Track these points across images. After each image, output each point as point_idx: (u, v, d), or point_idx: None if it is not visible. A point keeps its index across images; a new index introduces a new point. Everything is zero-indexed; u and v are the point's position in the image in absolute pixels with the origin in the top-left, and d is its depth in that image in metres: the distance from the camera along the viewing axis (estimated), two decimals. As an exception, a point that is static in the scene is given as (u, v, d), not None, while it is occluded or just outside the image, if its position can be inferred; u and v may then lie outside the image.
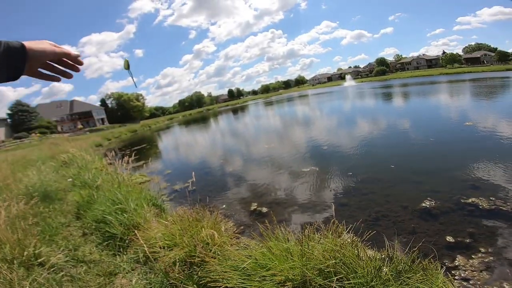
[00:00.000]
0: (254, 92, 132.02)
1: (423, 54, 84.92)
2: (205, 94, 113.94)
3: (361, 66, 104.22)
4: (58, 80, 0.77)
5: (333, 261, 1.78)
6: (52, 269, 2.51)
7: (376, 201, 3.94)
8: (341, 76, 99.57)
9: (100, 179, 4.80)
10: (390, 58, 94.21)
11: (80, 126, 54.61)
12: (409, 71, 77.42)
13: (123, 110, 67.81)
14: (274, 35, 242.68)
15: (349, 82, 72.84)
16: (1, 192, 4.80)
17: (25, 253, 2.63)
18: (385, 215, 3.52)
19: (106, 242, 3.09)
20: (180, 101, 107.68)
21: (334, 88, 60.48)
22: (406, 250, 1.95)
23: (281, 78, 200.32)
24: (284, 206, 4.33)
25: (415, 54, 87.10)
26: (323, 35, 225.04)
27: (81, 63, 0.78)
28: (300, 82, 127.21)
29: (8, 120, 46.41)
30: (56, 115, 55.49)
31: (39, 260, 2.61)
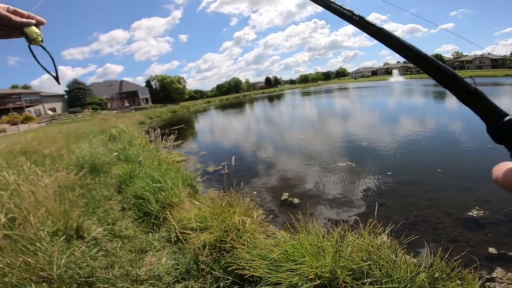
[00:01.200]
0: (292, 82, 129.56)
1: (488, 53, 74.73)
2: (243, 81, 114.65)
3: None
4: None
5: (368, 263, 1.68)
6: (90, 243, 2.57)
7: (417, 205, 3.66)
8: (387, 71, 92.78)
9: (142, 155, 5.07)
10: (448, 56, 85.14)
11: (126, 104, 58.67)
12: (468, 70, 69.05)
13: (165, 91, 71.34)
14: (316, 25, 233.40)
15: (396, 77, 67.70)
16: (54, 162, 5.12)
17: (68, 225, 2.69)
18: (425, 220, 3.27)
19: (142, 219, 3.17)
20: (218, 86, 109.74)
21: (378, 83, 56.67)
22: (445, 257, 1.79)
23: (321, 69, 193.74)
24: (316, 199, 4.22)
25: (478, 52, 77.22)
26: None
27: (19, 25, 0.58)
28: (341, 74, 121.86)
29: (65, 96, 52.07)
30: (107, 94, 60.31)
31: (80, 234, 2.68)
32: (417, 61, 0.32)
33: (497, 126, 0.27)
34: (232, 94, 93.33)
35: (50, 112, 46.47)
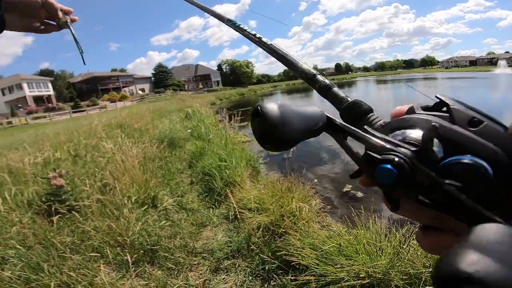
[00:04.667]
0: (366, 69, 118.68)
1: None
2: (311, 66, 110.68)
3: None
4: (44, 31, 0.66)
5: (430, 270, 1.51)
6: (161, 213, 2.75)
7: None
8: (491, 61, 76.20)
9: (212, 134, 5.46)
10: None
11: (200, 86, 63.82)
12: None
13: (234, 75, 74.95)
14: (398, 10, 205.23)
15: (503, 69, 55.17)
16: (142, 135, 5.86)
17: (147, 194, 2.88)
18: None
19: (206, 194, 3.35)
20: (285, 71, 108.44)
21: (477, 74, 47.02)
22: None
23: (402, 56, 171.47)
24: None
25: None
26: (471, 14, 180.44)
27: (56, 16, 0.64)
28: (427, 63, 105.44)
29: (152, 78, 60.99)
30: (184, 76, 67.06)
31: (155, 203, 2.88)
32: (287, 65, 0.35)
33: (341, 109, 0.28)
34: (299, 80, 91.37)
35: (140, 92, 54.38)
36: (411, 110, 0.25)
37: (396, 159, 0.19)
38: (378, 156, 0.20)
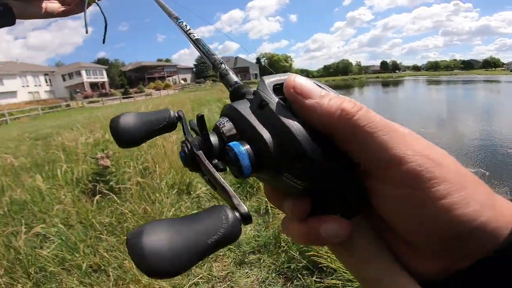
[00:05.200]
0: (416, 68, 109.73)
1: None
2: (353, 63, 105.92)
3: None
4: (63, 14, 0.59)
5: None
6: (193, 200, 2.77)
7: None
8: None
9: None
10: None
11: (239, 78, 64.93)
12: None
13: (272, 68, 72.76)
14: (458, 8, 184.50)
15: None
16: None
17: (182, 180, 2.91)
18: None
19: (239, 184, 3.31)
20: (325, 66, 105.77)
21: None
22: None
23: (460, 56, 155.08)
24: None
25: None
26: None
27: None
28: (490, 64, 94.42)
29: (194, 69, 64.40)
30: (224, 68, 68.76)
31: (189, 190, 2.90)
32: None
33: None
34: (339, 76, 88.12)
35: (182, 82, 56.98)
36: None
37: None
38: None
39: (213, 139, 0.21)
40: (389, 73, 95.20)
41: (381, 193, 0.18)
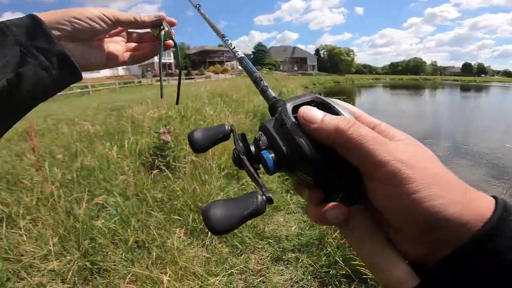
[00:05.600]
0: (507, 74, 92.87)
1: None
2: (428, 62, 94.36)
3: None
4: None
5: None
6: (242, 186, 2.73)
7: None
8: None
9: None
10: None
11: (295, 68, 63.55)
12: None
13: (332, 61, 71.29)
14: None
15: None
16: (238, 106, 6.25)
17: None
18: None
19: (286, 177, 3.17)
20: (392, 64, 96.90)
21: None
22: None
23: None
24: None
25: None
26: None
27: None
28: None
29: (252, 55, 65.36)
30: (281, 57, 68.02)
31: (239, 175, 2.86)
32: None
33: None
34: (408, 75, 79.72)
35: (239, 67, 58.05)
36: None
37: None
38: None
39: (252, 148, 0.28)
40: (472, 76, 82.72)
41: (373, 189, 0.22)
